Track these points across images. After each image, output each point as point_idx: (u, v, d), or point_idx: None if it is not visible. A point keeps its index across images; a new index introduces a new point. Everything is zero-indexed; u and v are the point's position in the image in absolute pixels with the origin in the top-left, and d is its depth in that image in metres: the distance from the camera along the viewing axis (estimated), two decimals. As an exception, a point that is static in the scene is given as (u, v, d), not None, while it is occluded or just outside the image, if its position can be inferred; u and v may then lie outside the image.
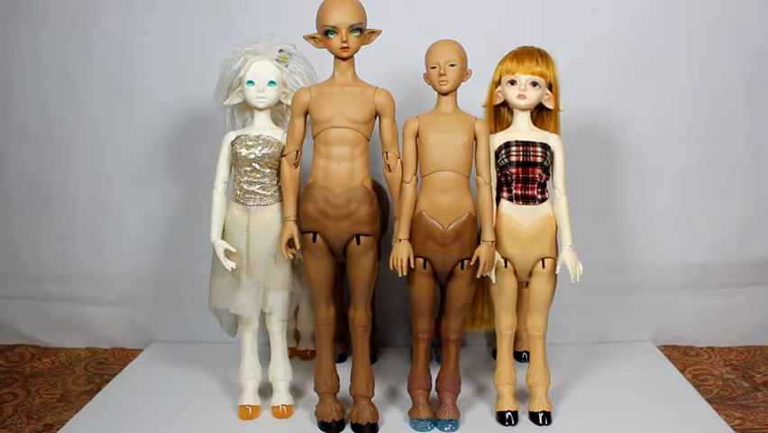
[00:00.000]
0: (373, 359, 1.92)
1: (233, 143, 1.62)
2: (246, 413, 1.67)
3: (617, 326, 2.16)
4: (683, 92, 2.08)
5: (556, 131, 1.65)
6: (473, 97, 1.67)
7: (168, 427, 1.64)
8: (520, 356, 1.99)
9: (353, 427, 1.60)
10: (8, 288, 2.25)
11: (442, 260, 1.52)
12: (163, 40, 2.08)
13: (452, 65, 1.48)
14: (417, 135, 1.52)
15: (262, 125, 1.63)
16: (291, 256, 1.58)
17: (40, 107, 2.15)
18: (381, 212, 1.74)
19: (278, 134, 1.62)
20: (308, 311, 1.75)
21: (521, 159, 1.58)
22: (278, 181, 1.62)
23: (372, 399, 1.62)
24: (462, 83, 1.52)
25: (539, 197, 1.60)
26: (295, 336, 2.08)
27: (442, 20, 1.95)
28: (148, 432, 1.63)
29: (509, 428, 1.63)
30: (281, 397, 1.69)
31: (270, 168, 1.61)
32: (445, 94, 1.52)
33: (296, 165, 1.56)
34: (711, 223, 2.13)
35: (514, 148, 1.59)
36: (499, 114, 1.69)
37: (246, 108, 1.67)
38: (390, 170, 1.54)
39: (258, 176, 1.62)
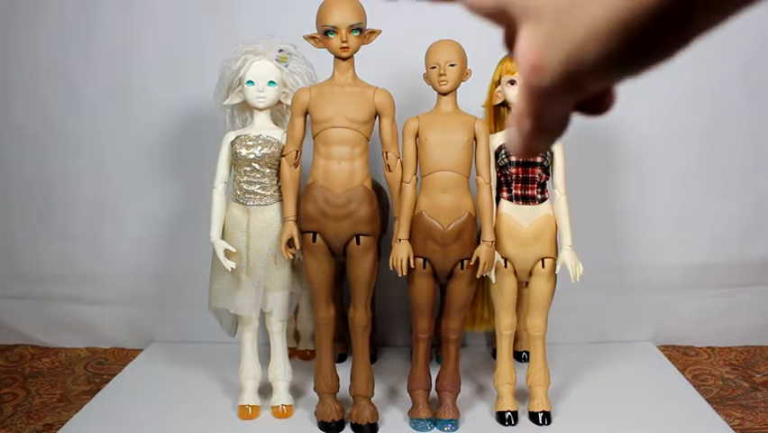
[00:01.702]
0: (373, 359, 1.92)
1: (232, 143, 1.62)
2: (246, 413, 1.67)
3: (617, 326, 2.16)
4: (683, 92, 2.08)
5: (556, 131, 1.65)
6: (473, 97, 1.67)
7: (168, 427, 1.64)
8: (520, 356, 1.99)
9: (353, 427, 1.60)
10: (8, 288, 2.25)
11: (442, 260, 1.52)
12: (163, 40, 2.07)
13: (452, 65, 1.48)
14: (417, 135, 1.52)
15: (262, 125, 1.63)
16: (291, 256, 1.58)
17: (40, 107, 2.15)
18: (381, 212, 1.74)
19: (278, 134, 1.62)
20: (308, 311, 1.75)
21: (521, 159, 1.58)
22: (277, 181, 1.62)
23: (372, 399, 1.62)
24: (462, 83, 1.52)
25: (539, 197, 1.61)
26: (295, 336, 2.08)
27: (442, 20, 1.94)
28: (148, 432, 1.63)
29: (509, 428, 1.63)
30: (281, 397, 1.69)
31: (270, 168, 1.61)
32: (445, 94, 1.52)
33: (295, 165, 1.56)
34: (711, 223, 2.13)
35: (514, 148, 1.59)
36: (499, 114, 1.69)
37: (246, 108, 1.67)
38: (390, 170, 1.54)
39: (258, 176, 1.62)
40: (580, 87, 0.31)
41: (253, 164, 1.60)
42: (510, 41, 0.34)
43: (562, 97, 0.32)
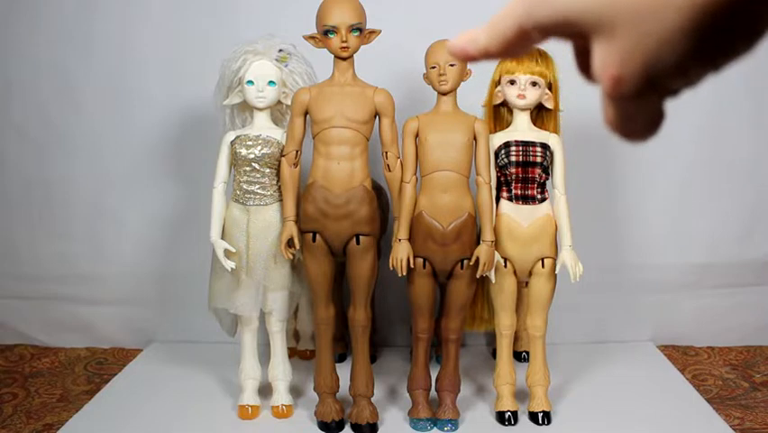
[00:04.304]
0: (373, 359, 1.92)
1: (232, 143, 1.62)
2: (246, 413, 1.67)
3: (617, 326, 2.16)
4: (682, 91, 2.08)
5: (556, 131, 1.65)
6: (473, 97, 1.67)
7: (168, 427, 1.65)
8: (520, 356, 1.99)
9: (353, 427, 1.60)
10: (8, 288, 2.25)
11: (441, 260, 1.52)
12: (163, 40, 2.07)
13: (452, 65, 1.48)
14: (417, 135, 1.53)
15: (262, 125, 1.63)
16: (291, 256, 1.58)
17: (40, 107, 2.15)
18: (381, 212, 1.74)
19: (278, 134, 1.62)
20: (308, 311, 1.75)
21: (521, 159, 1.58)
22: (277, 181, 1.62)
23: (372, 399, 1.62)
24: (462, 83, 1.52)
25: (539, 196, 1.61)
26: (295, 336, 2.08)
27: (442, 20, 1.95)
28: (148, 432, 1.63)
29: (509, 427, 1.63)
30: (281, 397, 1.69)
31: (270, 168, 1.61)
32: (445, 94, 1.52)
33: (295, 165, 1.56)
34: (711, 222, 2.13)
35: (513, 148, 1.59)
36: (499, 114, 1.69)
37: (246, 108, 1.67)
38: (390, 170, 1.54)
39: (257, 176, 1.62)
40: (662, 88, 0.32)
41: (253, 164, 1.60)
42: (580, 56, 0.35)
43: (646, 100, 0.33)
